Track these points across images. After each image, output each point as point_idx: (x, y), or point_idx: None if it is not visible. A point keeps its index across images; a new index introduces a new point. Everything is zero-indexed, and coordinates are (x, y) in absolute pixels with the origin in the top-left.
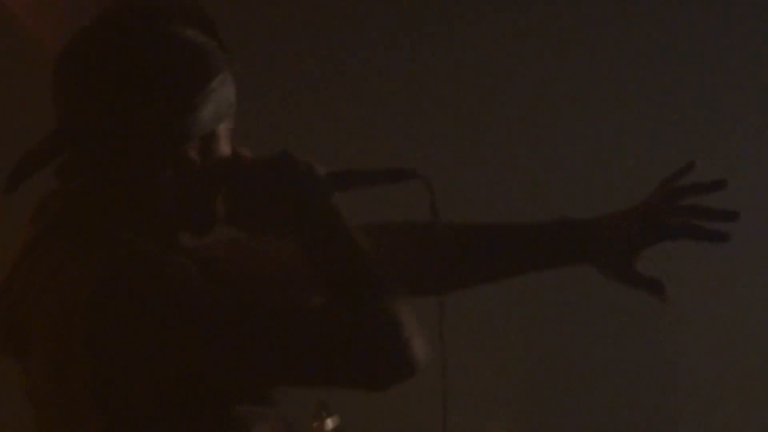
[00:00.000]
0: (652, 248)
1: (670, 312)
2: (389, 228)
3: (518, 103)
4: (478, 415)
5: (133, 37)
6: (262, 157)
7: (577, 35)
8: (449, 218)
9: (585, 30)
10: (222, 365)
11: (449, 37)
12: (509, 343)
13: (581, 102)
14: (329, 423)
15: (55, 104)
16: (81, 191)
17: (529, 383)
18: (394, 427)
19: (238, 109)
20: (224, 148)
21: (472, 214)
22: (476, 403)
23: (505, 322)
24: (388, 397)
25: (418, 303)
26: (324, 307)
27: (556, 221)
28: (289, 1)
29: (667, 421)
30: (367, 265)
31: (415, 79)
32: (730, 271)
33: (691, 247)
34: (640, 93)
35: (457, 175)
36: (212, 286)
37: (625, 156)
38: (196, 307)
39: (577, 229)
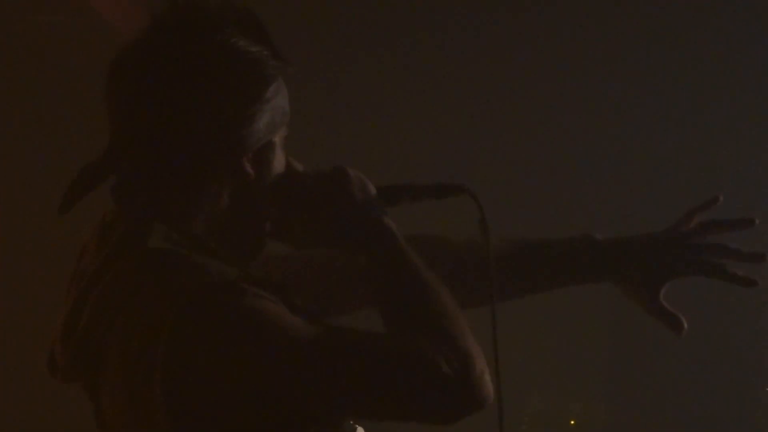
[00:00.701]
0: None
1: None
2: (425, 241)
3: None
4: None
5: (187, 49)
6: (315, 171)
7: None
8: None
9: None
10: (303, 394)
11: (493, 47)
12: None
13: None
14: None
15: (109, 120)
16: (143, 212)
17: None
18: None
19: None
20: (279, 158)
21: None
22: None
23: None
24: None
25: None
26: (397, 338)
27: (581, 238)
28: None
29: None
30: (436, 290)
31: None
32: None
33: None
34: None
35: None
36: (289, 314)
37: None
38: (280, 337)
39: (602, 248)
